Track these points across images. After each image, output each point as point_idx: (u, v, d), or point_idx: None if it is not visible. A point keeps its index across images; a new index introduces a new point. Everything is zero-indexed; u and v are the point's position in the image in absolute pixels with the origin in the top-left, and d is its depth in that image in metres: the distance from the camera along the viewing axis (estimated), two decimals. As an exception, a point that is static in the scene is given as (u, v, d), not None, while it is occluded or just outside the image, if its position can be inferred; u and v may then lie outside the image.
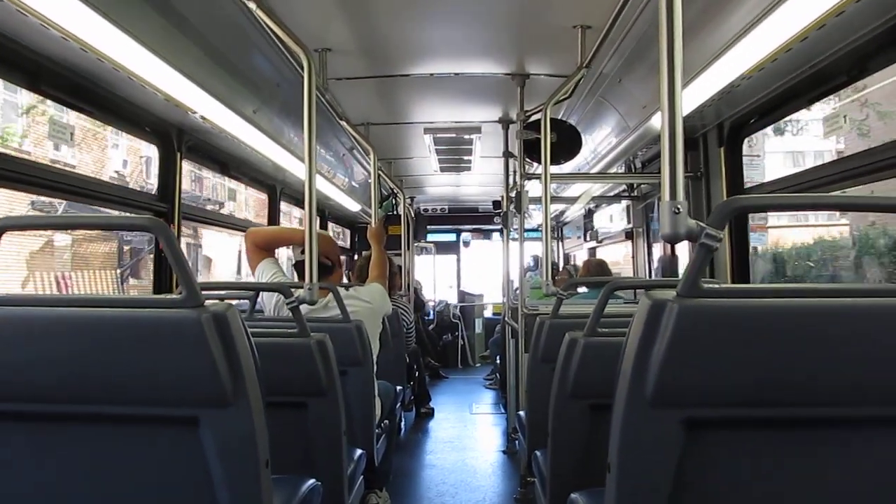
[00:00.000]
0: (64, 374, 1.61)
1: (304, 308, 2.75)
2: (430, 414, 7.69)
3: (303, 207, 5.64)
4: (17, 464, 1.69)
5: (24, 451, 1.69)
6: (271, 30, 3.00)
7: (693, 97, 3.50)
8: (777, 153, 9.14)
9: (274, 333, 2.77)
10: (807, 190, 3.31)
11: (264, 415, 1.71)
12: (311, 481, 2.48)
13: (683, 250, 5.30)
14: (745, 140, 4.06)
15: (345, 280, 5.26)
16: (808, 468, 1.50)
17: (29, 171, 2.91)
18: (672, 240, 1.45)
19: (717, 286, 1.49)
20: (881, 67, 2.88)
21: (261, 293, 3.70)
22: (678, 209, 1.45)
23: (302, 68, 2.87)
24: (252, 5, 2.75)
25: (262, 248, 3.79)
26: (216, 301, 1.67)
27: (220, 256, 11.08)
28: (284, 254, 4.76)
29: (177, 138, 3.97)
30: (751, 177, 4.42)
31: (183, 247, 4.72)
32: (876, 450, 1.51)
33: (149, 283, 3.90)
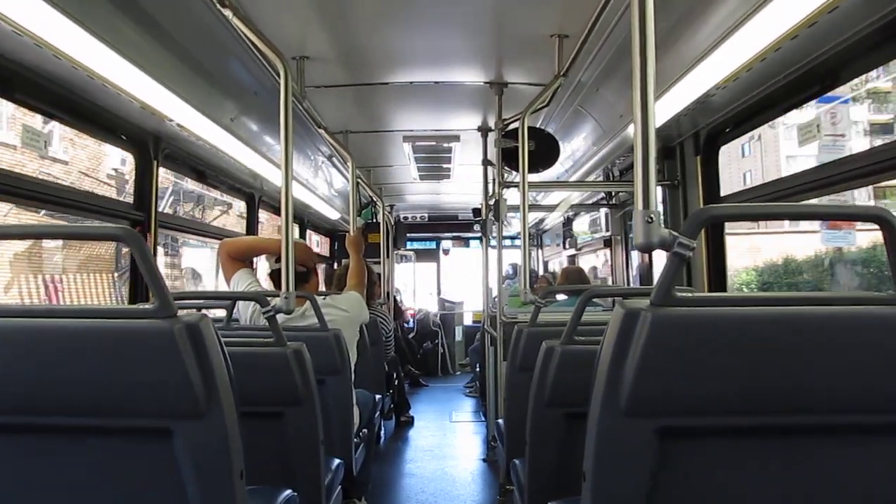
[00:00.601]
0: (34, 385, 1.59)
1: (280, 317, 2.73)
2: (410, 422, 7.67)
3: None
4: None
5: None
6: (248, 38, 2.99)
7: (669, 106, 3.53)
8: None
9: (250, 343, 2.75)
10: (783, 198, 3.34)
11: (239, 425, 1.70)
12: (288, 492, 2.46)
13: (661, 258, 5.34)
14: (721, 149, 4.09)
15: (322, 288, 5.23)
16: (782, 476, 1.51)
17: (2, 180, 2.87)
18: (645, 249, 1.46)
19: (690, 295, 1.49)
20: (854, 76, 2.91)
21: (237, 303, 3.67)
22: (651, 218, 1.46)
23: (279, 76, 2.86)
24: (228, 13, 2.74)
25: (237, 259, 3.77)
26: (190, 311, 1.65)
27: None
28: (263, 266, 4.73)
29: (153, 146, 3.94)
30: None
31: (160, 257, 4.69)
32: (850, 458, 1.52)
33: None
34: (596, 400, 1.51)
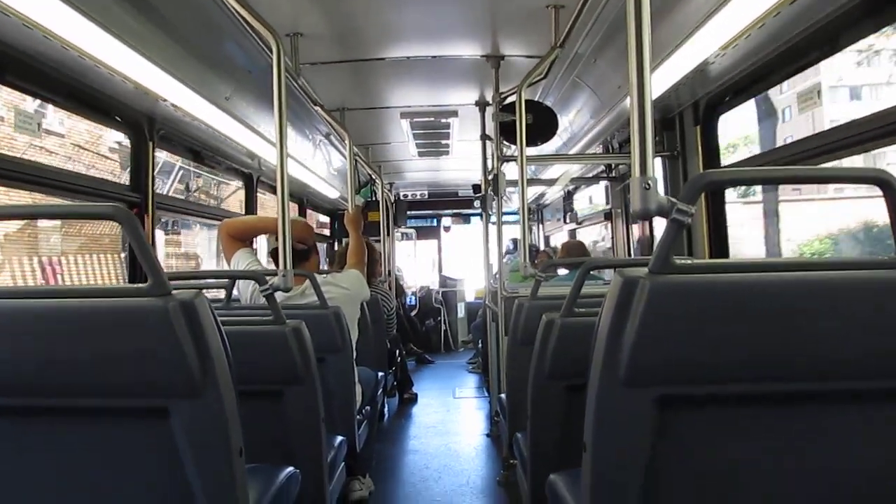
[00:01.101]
0: (29, 367, 1.58)
1: (280, 296, 2.72)
2: (414, 399, 7.69)
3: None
4: None
5: None
6: (241, 15, 2.95)
7: (667, 76, 3.49)
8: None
9: (249, 322, 2.75)
10: (787, 164, 3.32)
11: (238, 404, 1.69)
12: (289, 469, 2.46)
13: (660, 231, 5.32)
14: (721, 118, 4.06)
15: (324, 267, 5.22)
16: (782, 444, 1.50)
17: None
18: (643, 216, 1.44)
19: (688, 262, 1.48)
20: (853, 41, 2.87)
21: (237, 283, 3.66)
22: (648, 185, 1.44)
23: (272, 52, 2.83)
24: None
25: (238, 239, 3.75)
26: (189, 291, 1.64)
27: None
28: (263, 246, 4.73)
29: (148, 127, 3.92)
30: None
31: (159, 238, 4.68)
32: (852, 424, 1.51)
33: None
34: (595, 370, 1.50)
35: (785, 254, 4.59)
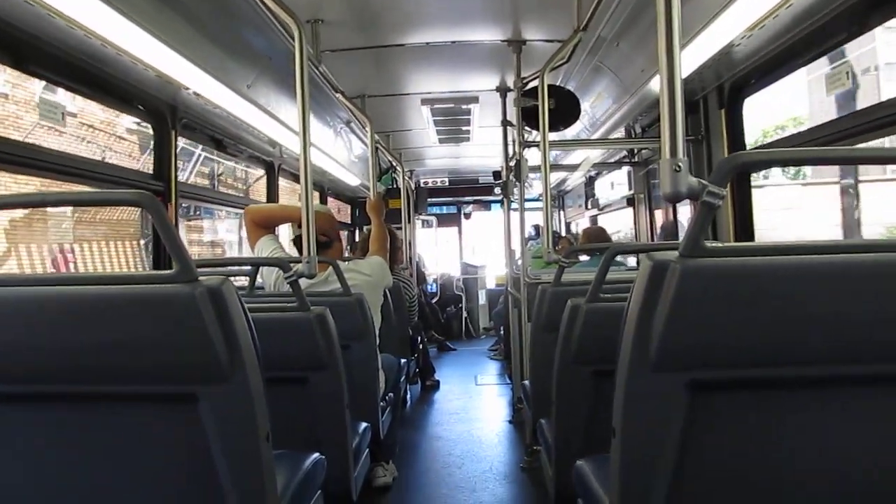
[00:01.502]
0: (57, 354, 1.59)
1: (304, 283, 2.72)
2: (436, 386, 7.70)
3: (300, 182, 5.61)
4: (13, 446, 1.68)
5: (20, 434, 1.67)
6: (262, 1, 2.94)
7: (692, 58, 3.45)
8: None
9: (273, 308, 2.75)
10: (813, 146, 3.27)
11: (264, 389, 1.69)
12: (315, 455, 2.47)
13: (684, 216, 5.27)
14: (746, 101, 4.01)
15: (346, 254, 5.22)
16: (814, 428, 1.48)
17: (20, 151, 2.87)
18: (673, 199, 1.42)
19: (719, 245, 1.46)
20: (881, 22, 2.82)
21: (261, 269, 3.68)
22: (679, 167, 1.42)
23: (293, 40, 2.82)
24: None
25: (261, 226, 3.78)
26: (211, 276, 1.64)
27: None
28: (285, 233, 4.75)
29: (171, 116, 3.93)
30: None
31: (182, 228, 4.70)
32: (883, 408, 1.49)
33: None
34: (624, 355, 1.48)
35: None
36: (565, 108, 4.65)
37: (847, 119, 3.03)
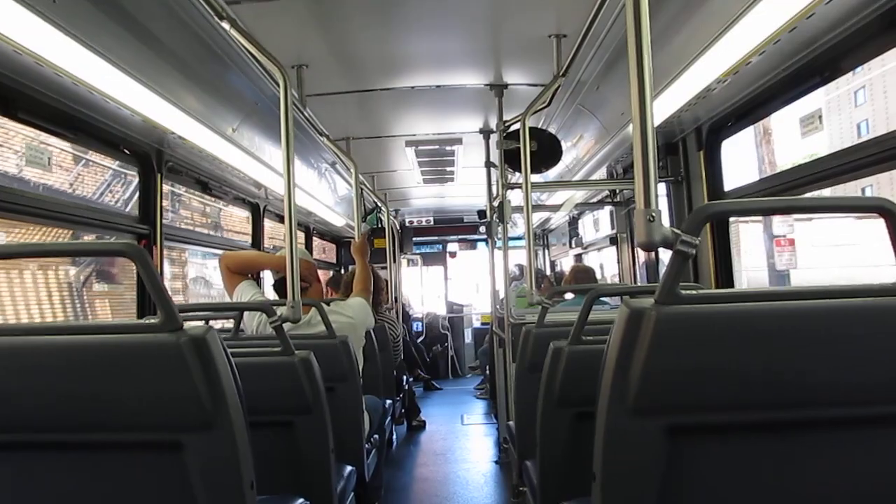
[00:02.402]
0: (41, 402, 1.59)
1: (286, 325, 2.73)
2: (422, 427, 7.67)
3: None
4: None
5: (2, 483, 1.67)
6: (247, 48, 3.00)
7: (670, 102, 3.52)
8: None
9: (258, 353, 2.76)
10: (787, 192, 3.33)
11: (249, 435, 1.70)
12: (300, 500, 2.46)
13: (666, 254, 5.32)
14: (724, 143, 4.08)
15: (329, 295, 5.24)
16: (795, 472, 1.50)
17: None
18: (648, 247, 1.46)
19: (694, 292, 1.49)
20: (853, 67, 2.90)
21: (243, 314, 3.68)
22: (653, 217, 1.46)
23: (278, 85, 2.86)
24: (226, 25, 2.75)
25: (237, 273, 3.80)
26: (196, 324, 1.66)
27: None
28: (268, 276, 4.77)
29: (156, 159, 3.95)
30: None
31: (167, 269, 4.70)
32: (862, 450, 1.51)
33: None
34: (603, 400, 1.50)
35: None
36: (547, 151, 4.71)
37: (825, 160, 3.09)
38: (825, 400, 1.47)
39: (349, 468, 3.35)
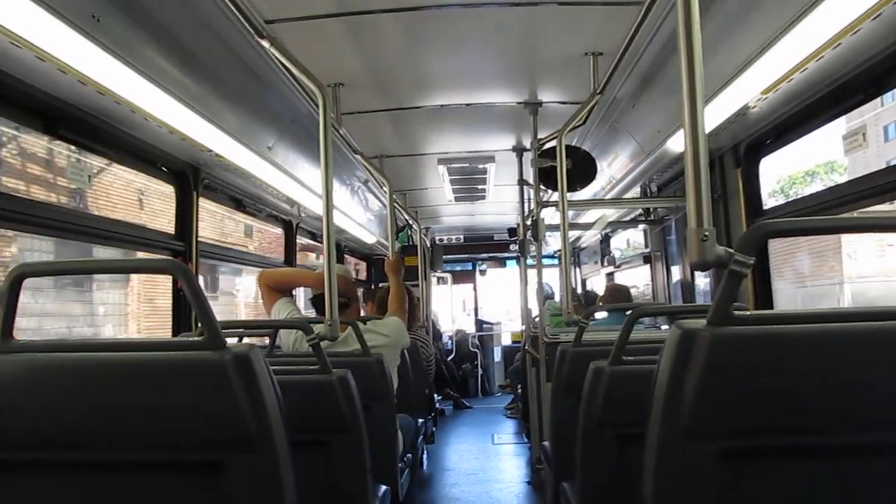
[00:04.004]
0: (85, 420, 1.59)
1: (323, 343, 2.72)
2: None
3: (319, 241, 5.64)
4: None
5: (43, 501, 1.66)
6: (286, 67, 3.01)
7: (708, 119, 3.43)
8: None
9: (295, 371, 2.75)
10: (828, 210, 3.27)
11: (290, 456, 1.69)
12: None
13: (699, 274, 5.25)
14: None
15: (362, 313, 5.23)
16: (853, 499, 1.45)
17: (44, 213, 2.91)
18: (701, 268, 1.42)
19: (747, 314, 1.45)
20: (896, 85, 2.85)
21: (279, 331, 3.69)
22: (706, 236, 1.43)
23: (316, 104, 2.87)
24: (266, 44, 2.76)
25: (276, 290, 3.81)
26: (232, 341, 1.65)
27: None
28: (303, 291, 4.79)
29: (193, 177, 3.99)
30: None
31: (202, 285, 4.74)
32: None
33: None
34: (654, 423, 1.47)
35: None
36: (582, 169, 4.70)
37: (865, 180, 3.04)
38: (886, 425, 1.42)
39: (384, 488, 3.32)
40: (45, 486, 1.67)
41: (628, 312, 2.81)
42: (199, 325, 1.62)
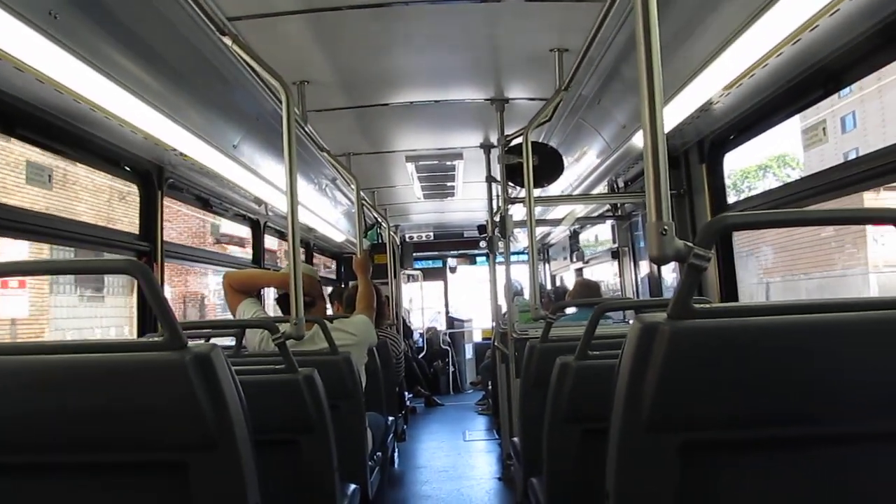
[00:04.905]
0: (46, 422, 1.57)
1: (289, 343, 2.70)
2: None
3: (286, 240, 5.61)
4: None
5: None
6: (249, 64, 2.99)
7: (672, 115, 3.51)
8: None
9: (261, 371, 2.73)
10: (791, 204, 3.32)
11: (253, 455, 1.67)
12: None
13: (668, 267, 5.30)
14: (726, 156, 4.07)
15: (329, 311, 5.21)
16: (810, 489, 1.48)
17: (4, 214, 2.86)
18: (660, 261, 1.44)
19: (707, 306, 1.47)
20: (855, 80, 2.90)
21: (245, 331, 3.66)
22: (665, 230, 1.44)
23: (280, 101, 2.85)
24: (228, 41, 2.73)
25: (241, 291, 3.78)
26: (200, 342, 1.64)
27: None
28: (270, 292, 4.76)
29: (157, 176, 3.94)
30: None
31: (167, 287, 4.69)
32: (882, 467, 1.49)
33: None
34: (616, 416, 1.48)
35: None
36: (549, 165, 4.70)
37: (829, 173, 3.07)
38: (843, 415, 1.44)
39: (353, 486, 3.31)
40: (6, 490, 1.64)
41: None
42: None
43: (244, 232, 6.15)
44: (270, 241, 6.77)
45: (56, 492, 1.65)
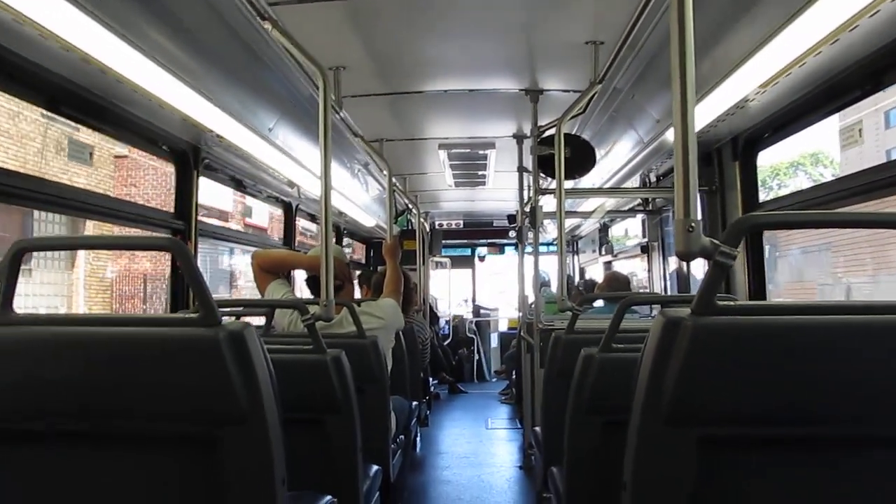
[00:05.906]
0: (82, 391, 1.63)
1: (318, 325, 2.75)
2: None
3: (318, 223, 5.68)
4: (32, 483, 1.70)
5: (40, 471, 1.70)
6: (288, 49, 3.03)
7: (707, 112, 3.50)
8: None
9: (290, 350, 2.78)
10: (824, 205, 3.29)
11: (281, 432, 1.72)
12: (328, 498, 2.48)
13: (698, 263, 5.28)
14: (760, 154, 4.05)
15: (357, 295, 5.27)
16: (829, 489, 1.49)
17: (47, 189, 2.94)
18: (686, 258, 1.45)
19: (731, 303, 1.48)
20: (895, 81, 2.87)
21: (274, 311, 3.72)
22: (692, 227, 1.45)
23: (317, 86, 2.89)
24: (267, 26, 2.78)
25: (269, 272, 3.82)
26: (231, 320, 1.69)
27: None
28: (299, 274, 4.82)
29: (193, 156, 4.00)
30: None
31: (199, 264, 4.76)
32: None
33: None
34: (636, 409, 1.50)
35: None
36: (581, 157, 4.71)
37: (861, 175, 3.05)
38: (862, 418, 1.45)
39: (375, 468, 3.36)
40: (43, 457, 1.71)
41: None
42: (196, 302, 1.66)
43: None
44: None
45: (90, 459, 1.70)
